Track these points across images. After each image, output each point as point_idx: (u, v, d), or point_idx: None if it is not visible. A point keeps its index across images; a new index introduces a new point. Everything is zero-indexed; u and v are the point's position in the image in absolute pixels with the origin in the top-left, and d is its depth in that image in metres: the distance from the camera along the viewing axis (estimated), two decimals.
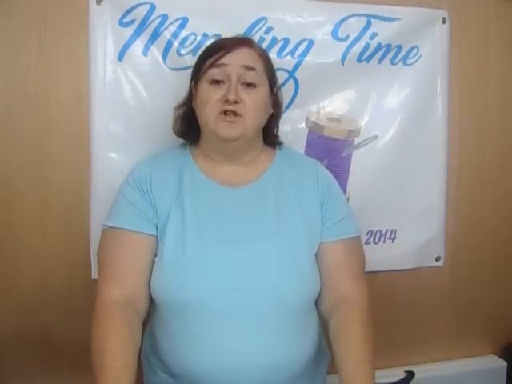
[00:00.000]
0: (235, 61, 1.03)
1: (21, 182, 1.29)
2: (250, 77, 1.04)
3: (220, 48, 1.05)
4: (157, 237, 1.05)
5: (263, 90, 1.07)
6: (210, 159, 1.10)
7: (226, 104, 1.01)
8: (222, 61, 1.03)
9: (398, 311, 1.57)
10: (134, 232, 1.03)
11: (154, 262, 1.04)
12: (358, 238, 1.14)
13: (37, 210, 1.30)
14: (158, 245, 1.04)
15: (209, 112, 1.03)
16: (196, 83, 1.08)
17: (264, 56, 1.10)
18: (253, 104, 1.03)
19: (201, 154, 1.12)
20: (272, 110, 1.13)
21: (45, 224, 1.31)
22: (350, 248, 1.10)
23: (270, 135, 1.15)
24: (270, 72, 1.10)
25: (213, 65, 1.03)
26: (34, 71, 1.27)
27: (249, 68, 1.03)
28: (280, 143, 1.18)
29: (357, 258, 1.12)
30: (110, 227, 1.05)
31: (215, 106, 1.02)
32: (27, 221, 1.30)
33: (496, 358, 1.67)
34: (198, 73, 1.07)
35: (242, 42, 1.07)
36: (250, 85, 1.04)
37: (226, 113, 1.02)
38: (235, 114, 1.02)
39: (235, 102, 1.01)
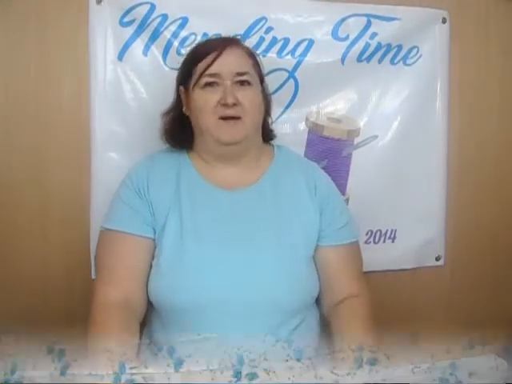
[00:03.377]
0: (227, 67, 1.02)
1: (21, 183, 1.29)
2: (243, 78, 1.04)
3: (207, 52, 1.03)
4: (154, 239, 1.04)
5: (256, 89, 1.07)
6: (207, 162, 1.10)
7: (225, 108, 1.01)
8: (214, 70, 1.02)
9: (397, 311, 1.56)
10: (132, 234, 1.03)
11: (151, 264, 1.04)
12: (357, 242, 1.15)
13: (37, 210, 1.30)
14: (155, 247, 1.04)
15: (208, 118, 1.03)
16: (186, 89, 1.07)
17: (251, 54, 1.10)
18: (250, 105, 1.03)
19: (198, 156, 1.12)
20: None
21: (45, 224, 1.31)
22: (349, 252, 1.11)
23: (264, 129, 1.15)
24: (259, 68, 1.10)
25: (204, 74, 1.02)
26: (34, 71, 1.27)
27: (241, 74, 1.03)
28: (274, 136, 1.17)
29: (356, 261, 1.13)
30: (108, 229, 1.05)
31: (214, 111, 1.02)
32: (27, 221, 1.30)
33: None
34: (187, 79, 1.06)
35: (229, 41, 1.06)
36: (243, 82, 1.04)
37: (225, 118, 1.02)
38: (235, 117, 1.02)
39: (234, 104, 1.01)
